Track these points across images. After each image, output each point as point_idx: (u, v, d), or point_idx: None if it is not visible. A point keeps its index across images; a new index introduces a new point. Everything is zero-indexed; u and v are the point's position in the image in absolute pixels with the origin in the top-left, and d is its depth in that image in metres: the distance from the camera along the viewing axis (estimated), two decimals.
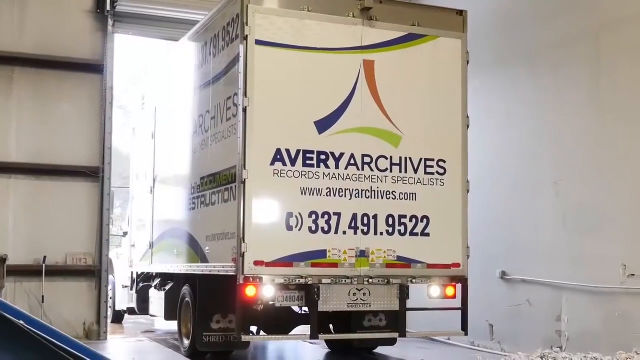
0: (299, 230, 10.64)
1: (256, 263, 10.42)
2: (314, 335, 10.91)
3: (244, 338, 10.80)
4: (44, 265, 14.89)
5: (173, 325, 14.40)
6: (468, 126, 11.61)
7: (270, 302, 10.69)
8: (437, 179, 11.35)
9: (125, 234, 18.16)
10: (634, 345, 10.85)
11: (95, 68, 15.78)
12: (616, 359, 10.26)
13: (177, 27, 16.37)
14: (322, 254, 10.74)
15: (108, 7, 15.70)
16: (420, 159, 11.30)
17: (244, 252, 10.38)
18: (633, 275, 11.63)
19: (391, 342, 12.77)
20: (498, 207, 14.13)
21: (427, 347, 14.51)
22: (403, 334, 11.37)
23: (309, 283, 10.64)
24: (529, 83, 14.08)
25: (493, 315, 14.14)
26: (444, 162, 11.41)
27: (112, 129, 15.94)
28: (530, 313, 13.67)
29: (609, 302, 12.01)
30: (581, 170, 12.77)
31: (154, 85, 15.61)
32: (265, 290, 10.51)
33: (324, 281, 10.71)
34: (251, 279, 10.38)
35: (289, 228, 10.62)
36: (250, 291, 10.39)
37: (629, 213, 11.94)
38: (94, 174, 15.60)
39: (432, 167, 11.35)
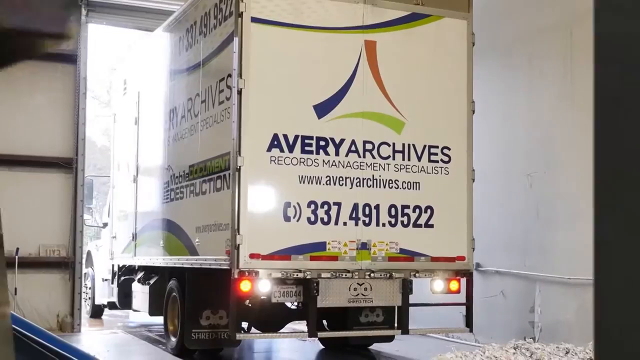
0: (297, 221, 9.08)
1: (252, 256, 8.86)
2: (312, 333, 9.45)
3: (238, 336, 9.22)
4: (16, 257, 13.39)
5: (148, 318, 12.62)
6: (474, 111, 10.01)
7: (263, 297, 9.23)
8: (441, 167, 9.77)
9: (105, 225, 16.14)
10: None
11: (68, 58, 14.27)
12: (588, 349, 9.44)
13: (151, 17, 15.19)
14: (322, 246, 9.17)
15: None
16: (424, 146, 9.74)
17: (238, 244, 8.81)
18: None
19: (389, 338, 11.11)
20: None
21: (403, 338, 12.78)
22: (406, 330, 9.86)
23: (308, 277, 9.09)
24: (502, 75, 13.09)
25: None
26: (449, 149, 9.88)
27: (86, 119, 14.58)
28: (504, 304, 12.71)
29: (582, 294, 11.10)
30: (554, 162, 11.87)
31: (137, 69, 13.83)
32: (261, 285, 8.96)
33: (323, 275, 9.17)
34: (246, 273, 8.81)
35: (287, 219, 9.05)
36: (245, 286, 8.84)
37: None
38: (68, 164, 14.19)
39: (436, 154, 9.82)
